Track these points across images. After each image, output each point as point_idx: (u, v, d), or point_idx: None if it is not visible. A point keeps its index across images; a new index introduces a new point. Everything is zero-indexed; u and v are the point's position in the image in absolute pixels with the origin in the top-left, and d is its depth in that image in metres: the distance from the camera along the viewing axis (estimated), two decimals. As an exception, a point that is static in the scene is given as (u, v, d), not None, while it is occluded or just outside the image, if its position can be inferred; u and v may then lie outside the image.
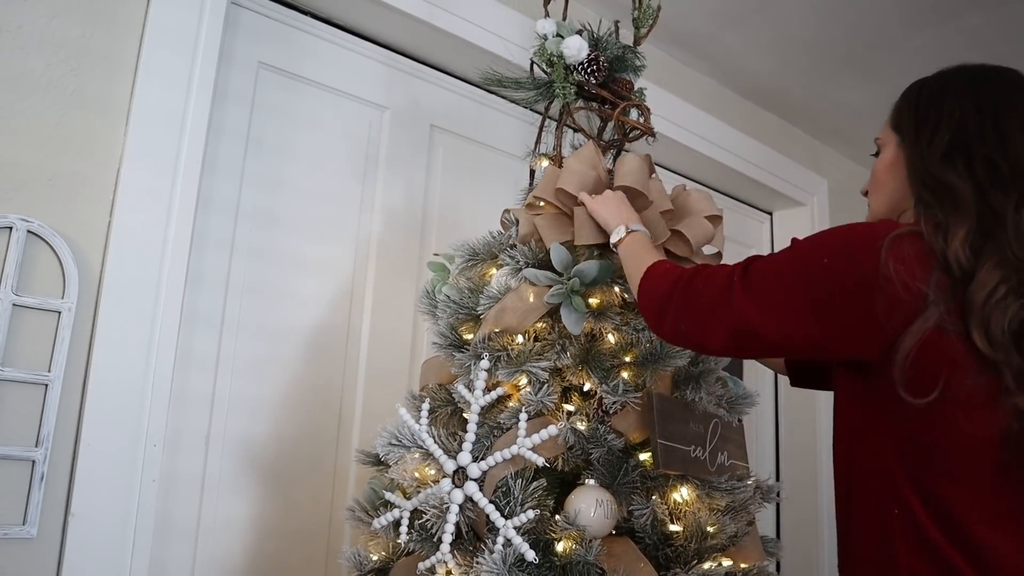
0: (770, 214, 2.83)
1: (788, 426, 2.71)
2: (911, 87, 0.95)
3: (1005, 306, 0.76)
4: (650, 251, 1.09)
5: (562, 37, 1.34)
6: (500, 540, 1.04)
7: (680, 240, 1.26)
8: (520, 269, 1.21)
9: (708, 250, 1.32)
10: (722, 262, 1.32)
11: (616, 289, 1.21)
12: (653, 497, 1.13)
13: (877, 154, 0.99)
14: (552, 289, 1.17)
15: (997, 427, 0.78)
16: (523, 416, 1.11)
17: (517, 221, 1.29)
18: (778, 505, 2.59)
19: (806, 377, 1.23)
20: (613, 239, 1.15)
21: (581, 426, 1.13)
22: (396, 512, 1.16)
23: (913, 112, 0.91)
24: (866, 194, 1.01)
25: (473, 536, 1.11)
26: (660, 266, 1.03)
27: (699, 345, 0.96)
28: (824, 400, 2.66)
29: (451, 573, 1.08)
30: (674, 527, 1.13)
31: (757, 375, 2.63)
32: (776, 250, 2.87)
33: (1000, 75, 0.89)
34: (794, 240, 0.92)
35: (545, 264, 1.21)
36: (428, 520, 1.09)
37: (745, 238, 2.68)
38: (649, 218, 1.24)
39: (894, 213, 0.95)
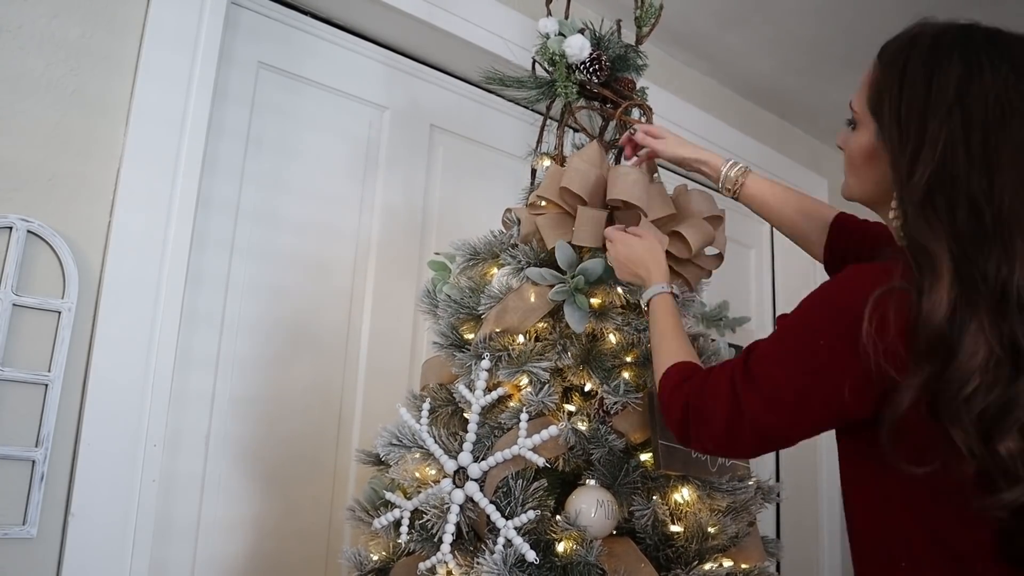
0: (770, 214, 2.83)
1: (788, 426, 2.70)
2: (891, 65, 0.83)
3: (985, 406, 0.70)
4: (670, 334, 1.04)
5: (564, 36, 1.34)
6: (501, 540, 1.04)
7: (680, 242, 1.26)
8: (522, 269, 1.21)
9: (709, 251, 1.32)
10: (723, 264, 1.33)
11: (619, 290, 1.21)
12: (654, 498, 1.13)
13: (851, 123, 0.90)
14: (556, 287, 1.17)
15: (992, 521, 0.73)
16: (524, 416, 1.11)
17: (518, 220, 1.29)
18: (778, 505, 2.59)
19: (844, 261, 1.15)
20: (643, 298, 1.11)
21: (582, 426, 1.13)
22: (396, 512, 1.16)
23: (894, 109, 0.80)
24: (840, 148, 0.93)
25: (474, 536, 1.11)
26: (673, 375, 0.96)
27: (732, 451, 0.91)
28: (824, 400, 2.66)
29: (451, 573, 1.08)
30: (675, 528, 1.13)
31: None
32: (775, 254, 2.84)
33: (997, 64, 0.77)
34: (783, 319, 0.86)
35: (546, 263, 1.21)
36: (428, 520, 1.09)
37: (745, 238, 2.68)
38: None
39: (876, 201, 0.89)
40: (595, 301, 1.20)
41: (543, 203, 1.28)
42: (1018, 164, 0.73)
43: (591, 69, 1.34)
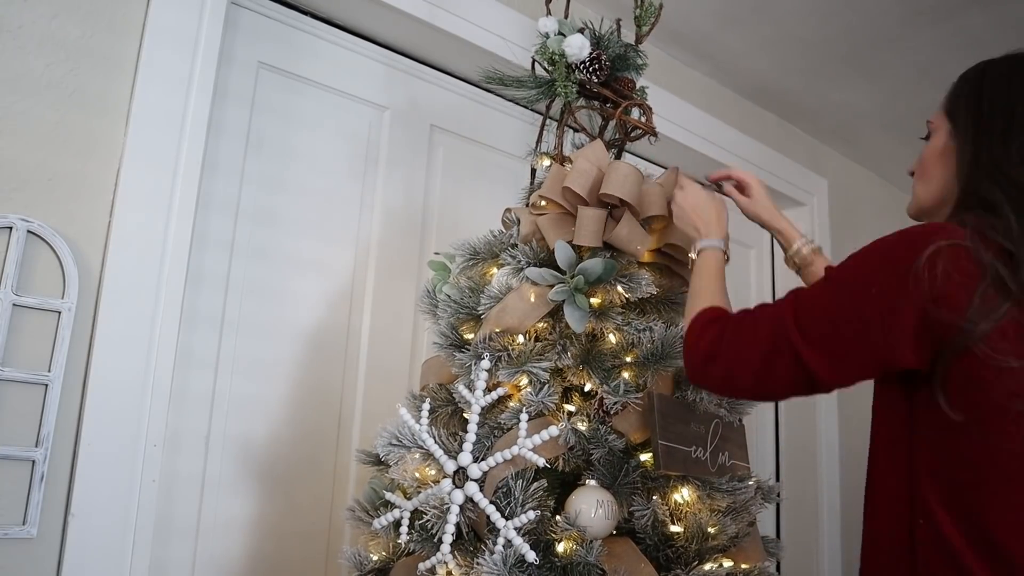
0: (770, 214, 2.82)
1: (788, 426, 2.71)
2: (972, 73, 0.91)
3: None
4: (713, 285, 1.06)
5: (564, 35, 1.34)
6: (501, 541, 1.04)
7: (681, 251, 1.27)
8: (521, 269, 1.21)
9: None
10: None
11: (619, 288, 1.21)
12: (654, 498, 1.13)
13: (927, 137, 0.96)
14: (556, 287, 1.17)
15: None
16: (524, 416, 1.11)
17: (518, 220, 1.29)
18: (778, 505, 2.59)
19: None
20: (696, 248, 1.13)
21: (582, 426, 1.13)
22: (396, 512, 1.16)
23: (975, 104, 0.88)
24: (912, 175, 0.99)
25: (473, 537, 1.11)
26: (709, 312, 0.99)
27: (753, 395, 0.95)
28: (824, 400, 2.66)
29: (451, 574, 1.08)
30: (675, 528, 1.13)
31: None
32: (775, 254, 2.85)
33: None
34: (842, 265, 0.88)
35: (546, 263, 1.21)
36: (428, 520, 1.09)
37: (745, 238, 2.68)
38: (627, 233, 1.23)
39: (938, 204, 0.93)
40: (595, 301, 1.20)
41: (543, 203, 1.28)
42: None
43: (591, 68, 1.34)
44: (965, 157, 0.87)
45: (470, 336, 1.24)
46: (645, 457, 1.16)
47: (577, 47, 1.32)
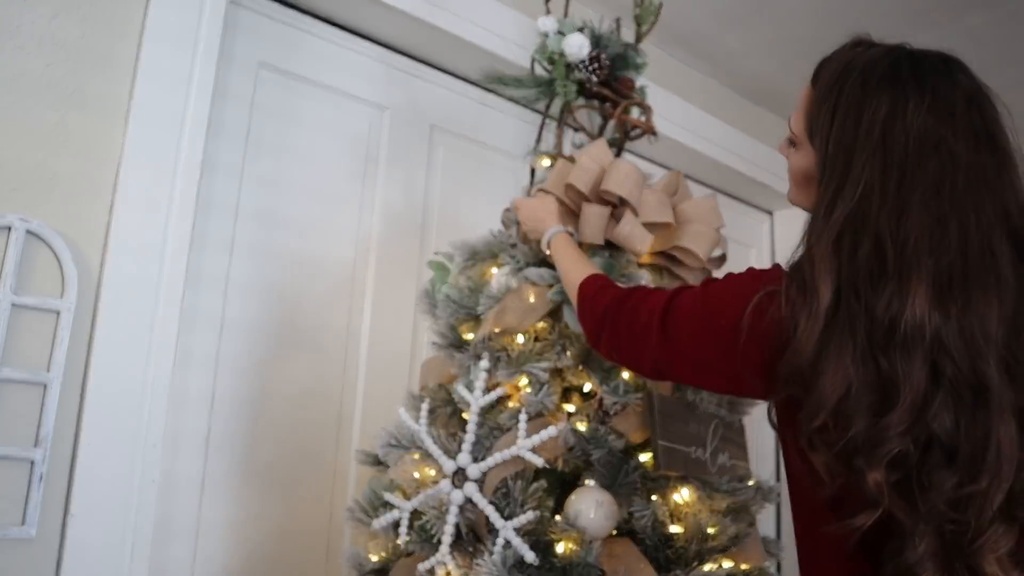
0: (770, 214, 2.83)
1: (788, 426, 2.70)
2: (828, 90, 0.85)
3: (850, 438, 0.71)
4: (578, 261, 1.13)
5: (563, 35, 1.34)
6: (500, 541, 1.04)
7: (688, 254, 1.27)
8: (521, 268, 1.21)
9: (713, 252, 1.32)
10: (725, 265, 1.33)
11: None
12: (654, 498, 1.13)
13: (791, 141, 0.93)
14: (555, 287, 1.17)
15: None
16: (523, 417, 1.11)
17: (518, 220, 1.29)
18: (778, 505, 2.59)
19: None
20: (543, 243, 1.21)
21: (581, 427, 1.13)
22: (396, 513, 1.16)
23: (824, 142, 0.83)
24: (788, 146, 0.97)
25: (473, 537, 1.11)
26: (592, 283, 1.05)
27: (630, 368, 1.07)
28: (825, 400, 2.65)
29: (451, 574, 1.08)
30: (675, 528, 1.13)
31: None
32: (775, 254, 2.84)
33: (922, 99, 0.78)
34: (706, 281, 0.94)
35: (546, 263, 1.21)
36: (428, 521, 1.09)
37: (745, 238, 2.68)
38: (629, 231, 1.23)
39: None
40: (595, 301, 1.19)
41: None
42: (928, 205, 0.75)
43: (590, 68, 1.34)
44: (815, 207, 0.84)
45: (469, 336, 1.24)
46: (645, 457, 1.16)
47: (576, 46, 1.32)
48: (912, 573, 0.70)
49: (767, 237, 2.79)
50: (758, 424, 2.83)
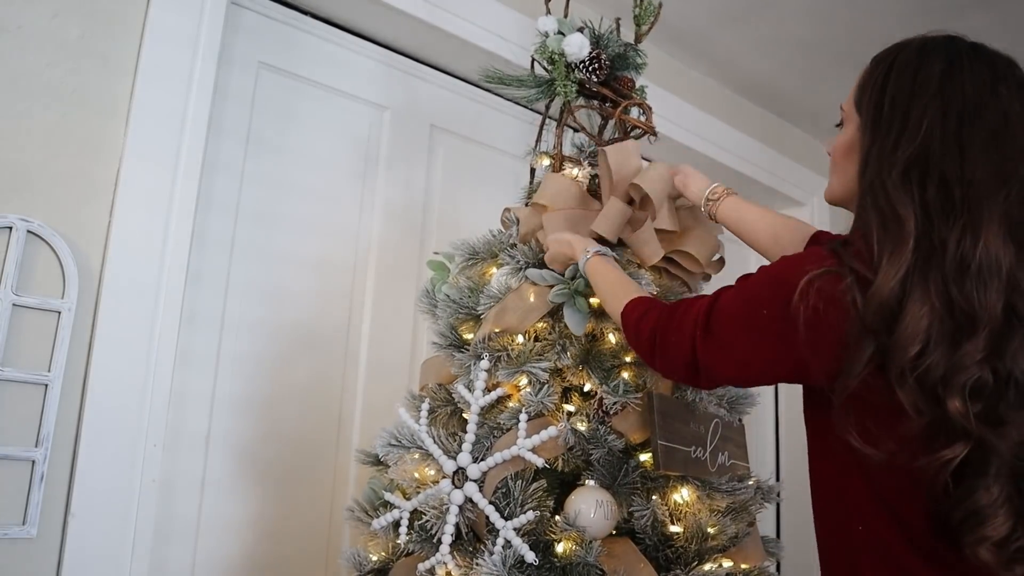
0: (770, 214, 2.82)
1: (788, 426, 2.71)
2: (880, 62, 0.89)
3: (928, 366, 0.73)
4: (619, 283, 1.10)
5: (563, 35, 1.34)
6: (500, 541, 1.04)
7: (689, 259, 1.27)
8: (521, 268, 1.21)
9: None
10: (723, 267, 1.33)
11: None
12: (653, 498, 1.13)
13: (841, 124, 0.95)
14: (555, 288, 1.17)
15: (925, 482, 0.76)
16: (523, 417, 1.11)
17: (517, 220, 1.29)
18: (778, 505, 2.59)
19: None
20: (581, 267, 1.16)
21: (581, 427, 1.13)
22: (396, 513, 1.16)
23: (877, 102, 0.86)
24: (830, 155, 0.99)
25: (473, 537, 1.11)
26: (632, 310, 1.03)
27: (690, 383, 1.03)
28: (824, 400, 2.66)
29: (451, 574, 1.08)
30: (674, 528, 1.13)
31: (757, 375, 2.63)
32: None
33: (976, 66, 0.83)
34: (740, 280, 0.93)
35: (546, 264, 1.21)
36: (428, 521, 1.09)
37: (745, 238, 2.68)
38: (645, 240, 1.23)
39: (848, 198, 0.94)
40: (595, 302, 1.19)
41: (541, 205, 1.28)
42: (988, 151, 0.79)
43: (590, 68, 1.34)
44: (864, 163, 0.86)
45: (469, 336, 1.24)
46: (644, 457, 1.16)
47: (576, 46, 1.32)
48: (982, 516, 0.72)
49: (767, 237, 2.79)
50: (758, 424, 2.85)
